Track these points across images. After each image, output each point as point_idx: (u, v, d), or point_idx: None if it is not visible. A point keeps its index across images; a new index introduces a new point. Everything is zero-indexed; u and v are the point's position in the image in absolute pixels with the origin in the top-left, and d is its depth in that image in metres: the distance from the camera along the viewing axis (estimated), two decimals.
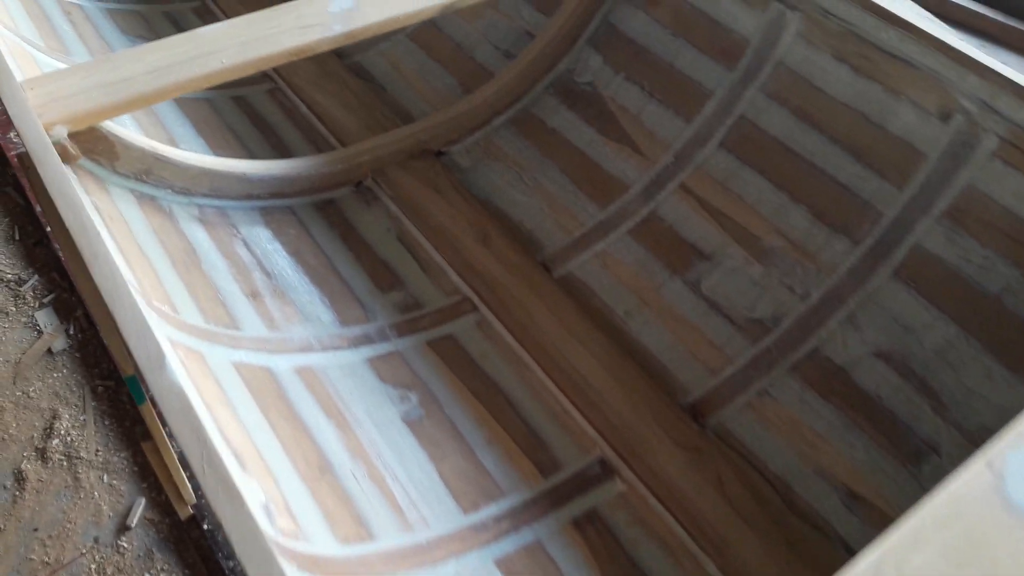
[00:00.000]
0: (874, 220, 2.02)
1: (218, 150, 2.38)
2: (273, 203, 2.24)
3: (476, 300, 2.12)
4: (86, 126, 1.71)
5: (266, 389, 1.66)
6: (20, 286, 3.39)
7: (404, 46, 2.88)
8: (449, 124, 2.53)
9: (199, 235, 1.99)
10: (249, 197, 2.19)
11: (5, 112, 3.21)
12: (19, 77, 1.85)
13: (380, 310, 2.07)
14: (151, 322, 1.20)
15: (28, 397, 3.12)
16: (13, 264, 3.47)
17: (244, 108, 2.59)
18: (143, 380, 1.13)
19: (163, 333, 1.51)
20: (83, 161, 1.81)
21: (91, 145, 1.81)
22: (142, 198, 1.95)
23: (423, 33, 2.87)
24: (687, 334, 2.08)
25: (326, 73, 2.75)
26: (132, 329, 1.20)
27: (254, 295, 1.92)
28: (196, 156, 2.08)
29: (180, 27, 2.92)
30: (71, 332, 3.22)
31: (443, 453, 1.76)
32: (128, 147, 1.89)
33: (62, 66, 2.29)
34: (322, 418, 1.69)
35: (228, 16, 2.93)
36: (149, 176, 1.97)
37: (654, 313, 2.12)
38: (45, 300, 3.33)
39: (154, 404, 1.30)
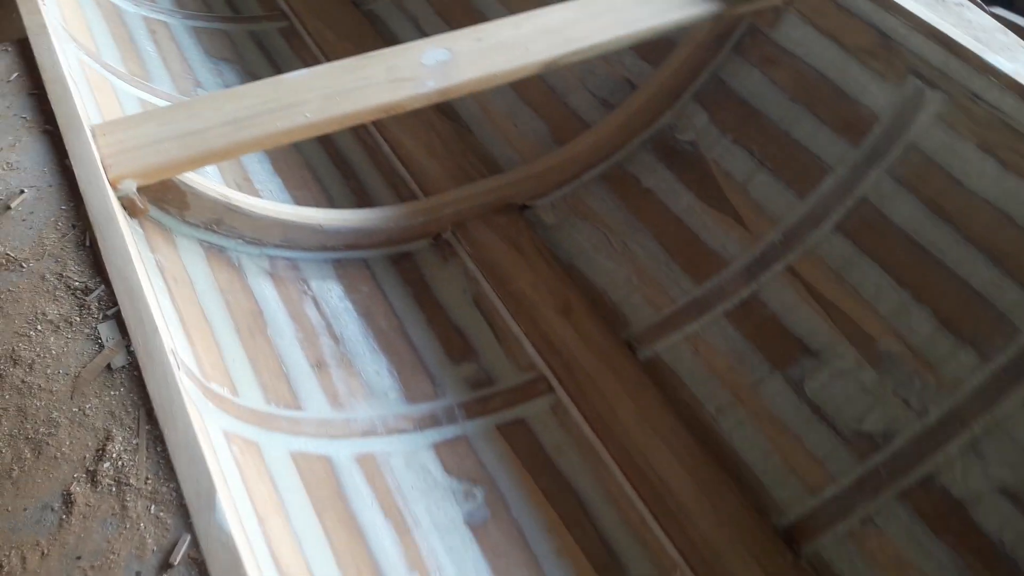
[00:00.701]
0: (1009, 335, 1.79)
1: (295, 190, 2.26)
2: (348, 255, 2.11)
3: (552, 379, 1.95)
4: (157, 180, 1.60)
5: (323, 485, 1.52)
6: (86, 295, 3.35)
7: (503, 94, 2.72)
8: (537, 178, 2.36)
9: (267, 293, 1.87)
10: (323, 248, 2.06)
11: None
12: (92, 115, 1.75)
13: (450, 385, 1.92)
14: (206, 414, 1.08)
15: (84, 414, 3.08)
16: (81, 272, 3.43)
17: (326, 145, 2.47)
18: (189, 522, 1.00)
19: (218, 425, 1.38)
20: (151, 211, 1.70)
21: (160, 195, 1.70)
22: (210, 249, 1.83)
23: None
24: (785, 442, 1.87)
25: (414, 111, 2.60)
26: (183, 451, 1.07)
27: (319, 364, 1.79)
28: (271, 205, 1.96)
29: (265, 48, 2.81)
30: (131, 348, 3.17)
31: (507, 566, 1.60)
32: (200, 196, 1.77)
33: (142, 95, 2.20)
34: (380, 519, 1.55)
35: (314, 39, 2.82)
36: (220, 226, 1.85)
37: (749, 413, 1.93)
38: (109, 312, 3.29)
39: (196, 545, 1.17)
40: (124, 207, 1.59)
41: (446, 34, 1.97)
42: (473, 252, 2.20)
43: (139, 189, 1.59)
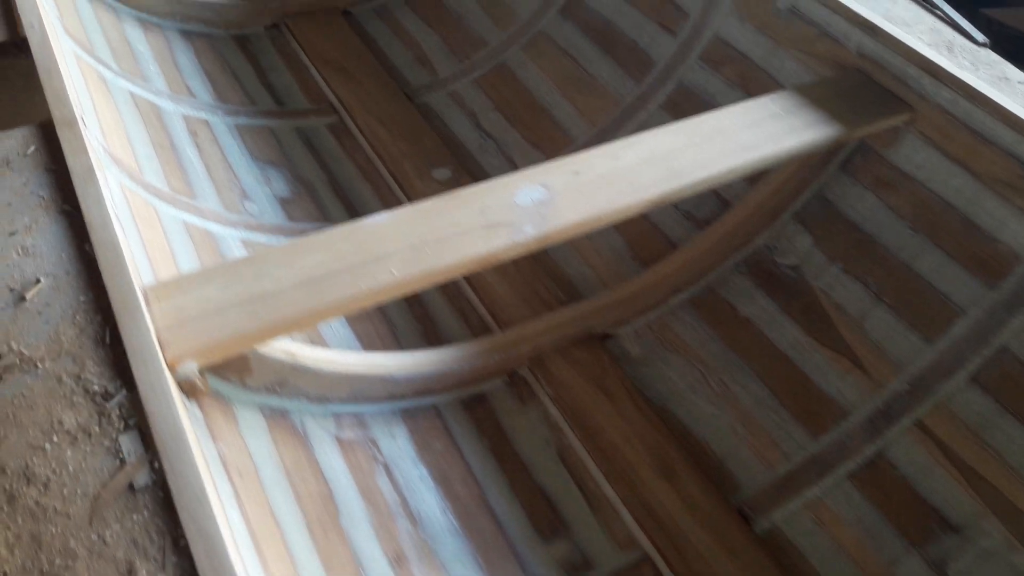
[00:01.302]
0: None
1: (357, 324, 2.02)
2: (417, 403, 1.86)
3: (658, 560, 1.69)
4: (221, 357, 1.36)
5: None
6: (106, 401, 3.09)
7: None
8: (620, 304, 2.13)
9: (336, 464, 1.62)
10: (392, 398, 1.82)
11: None
12: (139, 257, 1.51)
13: (541, 571, 1.66)
14: None
15: (104, 543, 2.80)
16: (101, 373, 3.18)
17: None
18: None
19: None
20: (210, 383, 1.46)
21: (221, 365, 1.46)
22: (272, 416, 1.59)
23: None
24: None
25: None
26: None
27: (398, 559, 1.53)
28: (338, 356, 1.72)
29: (313, 147, 2.60)
30: (156, 466, 2.91)
31: None
32: (264, 360, 1.53)
33: (188, 218, 1.98)
34: None
35: (366, 137, 2.60)
36: (283, 387, 1.61)
37: None
38: (131, 422, 3.03)
39: None
40: (183, 390, 1.35)
41: (539, 168, 1.74)
42: (554, 393, 1.95)
43: (201, 368, 1.35)
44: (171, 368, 1.29)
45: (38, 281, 3.73)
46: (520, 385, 1.99)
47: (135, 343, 1.26)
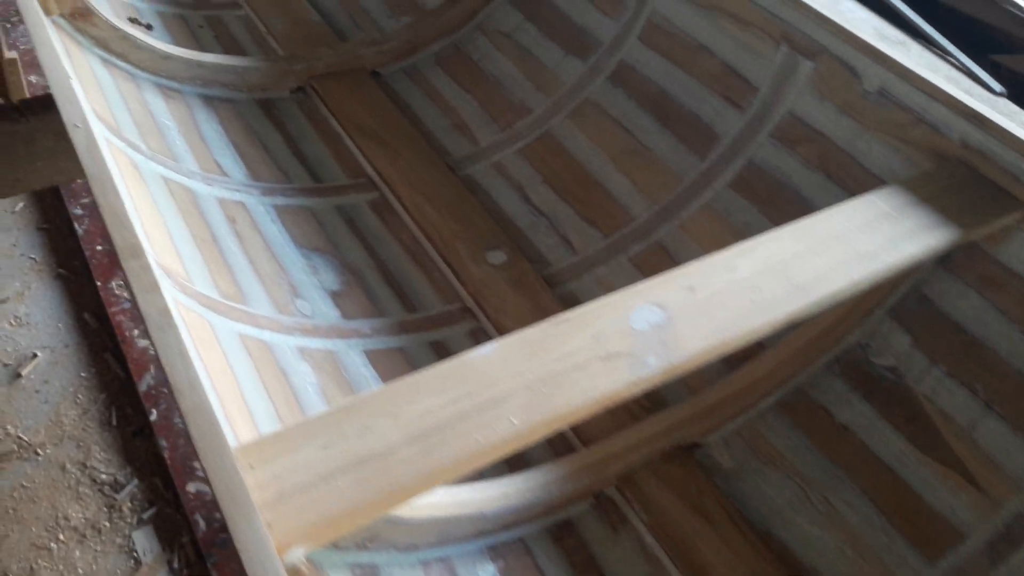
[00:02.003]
0: None
1: None
2: (504, 537, 1.68)
3: None
4: (329, 540, 1.17)
5: None
6: (116, 492, 2.84)
7: (626, 271, 2.34)
8: (709, 410, 1.96)
9: None
10: (479, 535, 1.63)
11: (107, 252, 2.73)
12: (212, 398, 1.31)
13: None
14: None
15: None
16: (109, 461, 2.93)
17: None
18: None
19: None
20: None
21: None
22: (362, 572, 1.39)
23: None
24: None
25: (544, 316, 2.21)
26: None
27: None
28: (427, 502, 1.53)
29: (357, 228, 2.41)
30: (175, 566, 2.67)
31: None
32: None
33: (244, 329, 1.78)
34: None
35: (412, 215, 2.42)
36: (373, 542, 1.41)
37: None
38: (144, 516, 2.79)
39: None
40: None
41: (648, 283, 1.58)
42: (648, 519, 1.78)
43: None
44: (279, 553, 1.10)
45: (34, 356, 3.47)
46: (609, 509, 1.81)
47: (242, 534, 1.06)
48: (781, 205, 2.25)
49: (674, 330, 1.48)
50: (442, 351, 2.11)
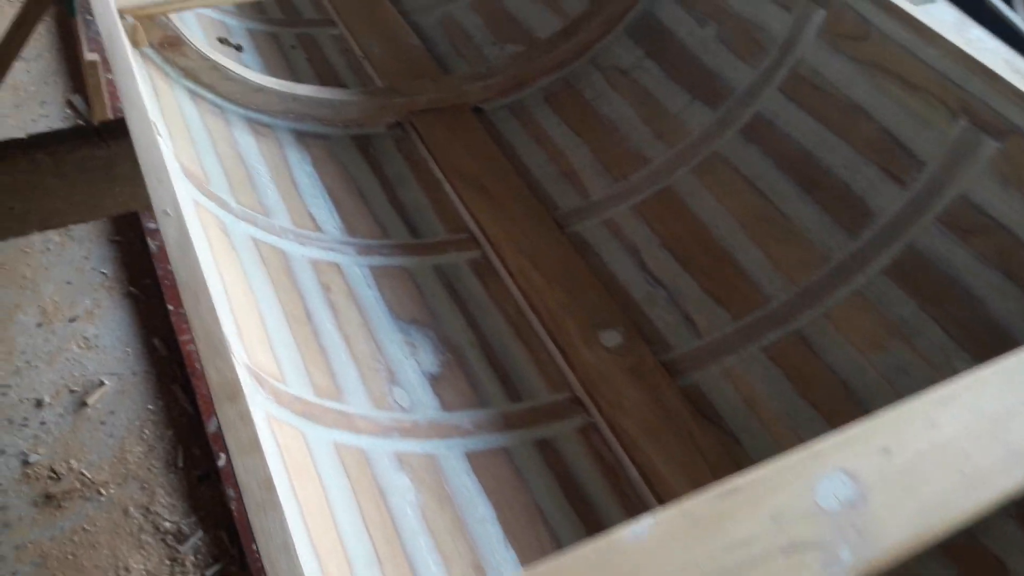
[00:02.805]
0: None
1: None
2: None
3: None
4: None
5: None
6: (180, 543, 2.68)
7: (760, 364, 2.06)
8: None
9: None
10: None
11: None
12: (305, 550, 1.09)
13: None
14: None
15: None
16: (173, 507, 2.77)
17: None
18: None
19: None
20: None
21: None
22: None
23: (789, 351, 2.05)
24: None
25: (659, 404, 1.95)
26: None
27: None
28: None
29: (456, 292, 2.18)
30: None
31: None
32: None
33: (342, 438, 1.57)
34: None
35: (515, 279, 2.17)
36: None
37: None
38: (208, 573, 2.62)
39: None
40: None
41: (830, 439, 1.30)
42: None
43: None
44: None
45: (101, 384, 3.32)
46: None
47: None
48: (947, 304, 1.94)
49: (870, 511, 1.20)
50: (550, 453, 1.86)
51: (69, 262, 3.60)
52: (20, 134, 3.12)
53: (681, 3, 2.68)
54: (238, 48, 2.70)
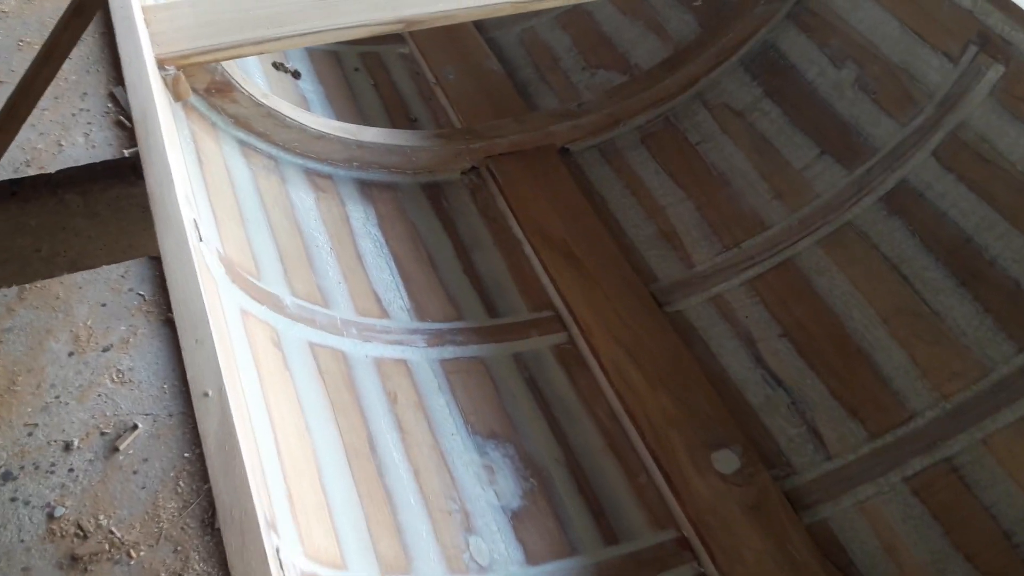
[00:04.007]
0: None
1: None
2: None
3: None
4: None
5: None
6: None
7: (902, 499, 1.70)
8: None
9: None
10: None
11: None
12: None
13: None
14: None
15: None
16: (209, 574, 2.51)
17: None
18: None
19: None
20: None
21: None
22: None
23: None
24: None
25: (793, 568, 1.61)
26: None
27: None
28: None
29: (540, 391, 1.86)
30: None
31: None
32: None
33: None
34: None
35: (608, 374, 1.84)
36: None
37: None
38: None
39: None
40: None
41: None
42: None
43: None
44: None
45: (135, 427, 3.05)
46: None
47: None
48: None
49: None
50: None
51: (105, 280, 3.33)
52: (58, 131, 2.83)
53: (812, 36, 2.28)
54: (295, 75, 2.37)
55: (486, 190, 2.22)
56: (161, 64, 1.59)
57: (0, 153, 2.02)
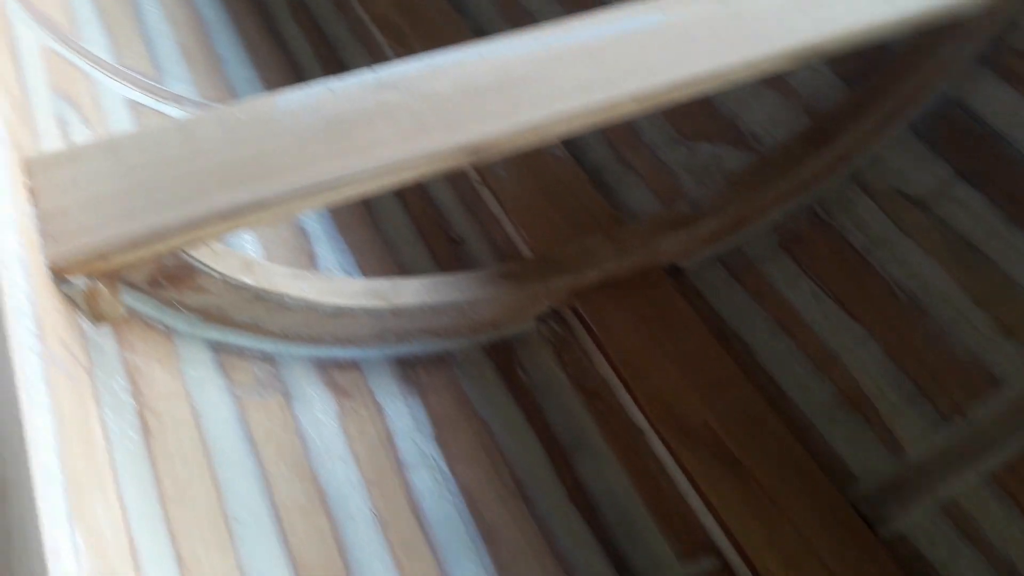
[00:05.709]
0: None
1: None
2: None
3: None
4: None
5: None
6: None
7: None
8: None
9: None
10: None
11: None
12: None
13: None
14: None
15: None
16: None
17: None
18: None
19: None
20: None
21: None
22: None
23: None
24: None
25: None
26: None
27: None
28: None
29: None
30: None
31: None
32: None
33: None
34: None
35: None
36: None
37: None
38: None
39: None
40: None
41: None
42: None
43: None
44: None
45: None
46: None
47: None
48: None
49: None
50: None
51: None
52: None
53: (1020, 87, 1.59)
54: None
55: (574, 349, 1.51)
56: (60, 274, 0.87)
57: None
